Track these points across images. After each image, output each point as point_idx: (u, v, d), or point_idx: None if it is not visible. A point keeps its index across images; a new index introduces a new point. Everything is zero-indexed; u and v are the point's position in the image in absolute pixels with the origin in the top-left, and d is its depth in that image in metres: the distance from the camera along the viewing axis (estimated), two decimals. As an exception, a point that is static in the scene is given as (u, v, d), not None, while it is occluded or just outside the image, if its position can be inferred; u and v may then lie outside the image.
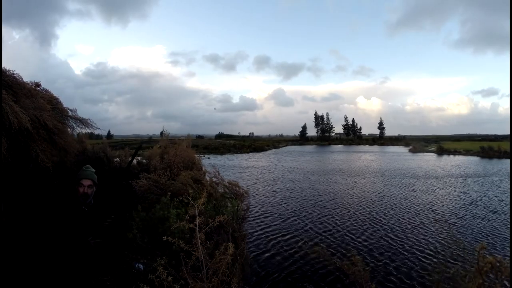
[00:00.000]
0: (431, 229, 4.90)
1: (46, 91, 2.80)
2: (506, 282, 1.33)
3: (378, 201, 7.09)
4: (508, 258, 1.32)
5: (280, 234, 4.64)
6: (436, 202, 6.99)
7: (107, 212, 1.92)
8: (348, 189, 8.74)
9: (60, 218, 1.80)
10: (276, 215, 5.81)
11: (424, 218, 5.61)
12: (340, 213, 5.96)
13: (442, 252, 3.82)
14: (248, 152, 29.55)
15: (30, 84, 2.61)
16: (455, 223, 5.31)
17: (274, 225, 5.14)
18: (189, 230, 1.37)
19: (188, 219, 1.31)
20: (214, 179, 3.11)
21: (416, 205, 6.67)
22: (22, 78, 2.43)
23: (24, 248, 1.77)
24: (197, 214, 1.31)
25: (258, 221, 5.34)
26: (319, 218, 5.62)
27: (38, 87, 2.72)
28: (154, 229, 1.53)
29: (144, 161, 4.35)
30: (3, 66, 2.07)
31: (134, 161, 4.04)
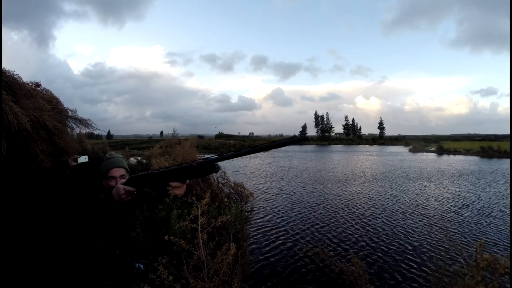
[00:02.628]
0: (427, 230, 4.89)
1: (47, 91, 2.79)
2: (504, 279, 1.33)
3: (380, 201, 7.09)
4: (504, 257, 1.32)
5: (278, 233, 4.63)
6: (434, 204, 6.99)
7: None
8: (345, 188, 8.74)
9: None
10: (270, 213, 5.80)
11: (423, 219, 5.61)
12: (336, 212, 5.96)
13: (440, 251, 3.82)
14: (248, 152, 29.57)
15: (30, 84, 2.60)
16: (453, 226, 5.31)
17: (269, 222, 5.13)
18: (191, 230, 1.37)
19: (191, 219, 1.31)
20: (219, 179, 3.10)
21: (420, 206, 6.68)
22: (21, 79, 2.42)
23: (26, 247, 1.75)
24: (199, 214, 1.31)
25: (257, 219, 5.34)
26: (311, 216, 5.61)
27: (38, 87, 2.71)
28: (157, 229, 1.52)
29: (144, 161, 4.33)
30: (3, 66, 2.07)
31: (134, 160, 4.02)
